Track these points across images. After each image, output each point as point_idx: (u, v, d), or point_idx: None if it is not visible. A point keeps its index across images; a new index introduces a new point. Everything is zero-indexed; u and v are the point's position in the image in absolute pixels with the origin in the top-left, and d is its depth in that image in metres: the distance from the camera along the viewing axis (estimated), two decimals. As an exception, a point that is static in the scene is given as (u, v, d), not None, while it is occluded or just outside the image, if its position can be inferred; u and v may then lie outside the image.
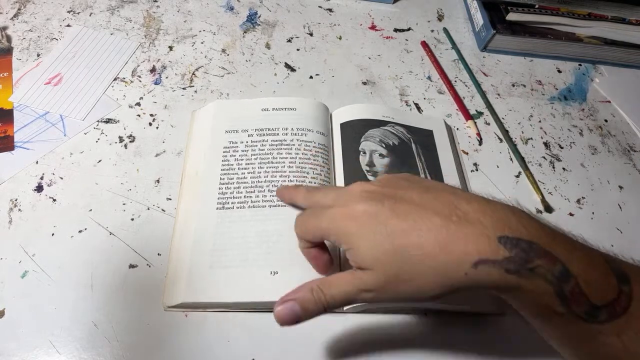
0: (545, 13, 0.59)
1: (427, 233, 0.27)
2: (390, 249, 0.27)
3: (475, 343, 0.36)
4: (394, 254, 0.27)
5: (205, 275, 0.36)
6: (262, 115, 0.45)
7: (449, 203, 0.28)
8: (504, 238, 0.26)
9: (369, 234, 0.28)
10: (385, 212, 0.28)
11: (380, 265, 0.28)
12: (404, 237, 0.27)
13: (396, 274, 0.27)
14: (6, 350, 0.32)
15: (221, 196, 0.40)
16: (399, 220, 0.27)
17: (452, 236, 0.26)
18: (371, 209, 0.28)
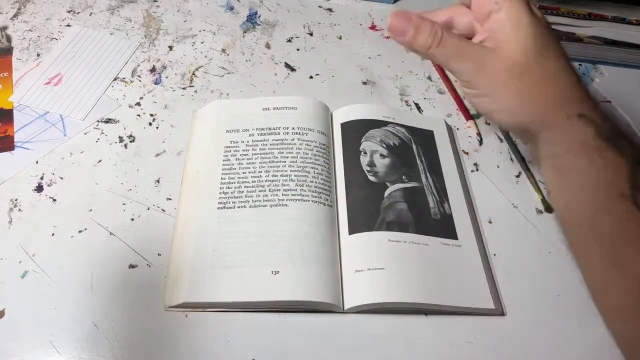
0: (545, 13, 0.59)
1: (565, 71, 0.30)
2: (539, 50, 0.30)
3: (475, 343, 0.36)
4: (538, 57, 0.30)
5: (206, 275, 0.35)
6: (263, 115, 0.45)
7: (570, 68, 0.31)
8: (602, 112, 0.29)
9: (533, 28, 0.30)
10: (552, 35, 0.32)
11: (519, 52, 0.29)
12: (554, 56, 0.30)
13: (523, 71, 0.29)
14: (6, 350, 0.32)
15: (222, 196, 0.40)
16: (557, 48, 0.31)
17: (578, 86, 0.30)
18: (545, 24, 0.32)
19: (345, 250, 0.38)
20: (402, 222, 0.40)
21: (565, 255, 0.41)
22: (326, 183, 0.41)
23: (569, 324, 0.38)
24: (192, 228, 0.38)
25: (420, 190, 0.43)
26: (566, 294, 0.39)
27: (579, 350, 0.37)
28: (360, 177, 0.42)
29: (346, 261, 0.38)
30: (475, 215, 0.43)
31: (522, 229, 0.43)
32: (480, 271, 0.39)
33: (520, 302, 0.39)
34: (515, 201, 0.45)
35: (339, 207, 0.41)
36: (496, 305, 0.37)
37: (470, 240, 0.41)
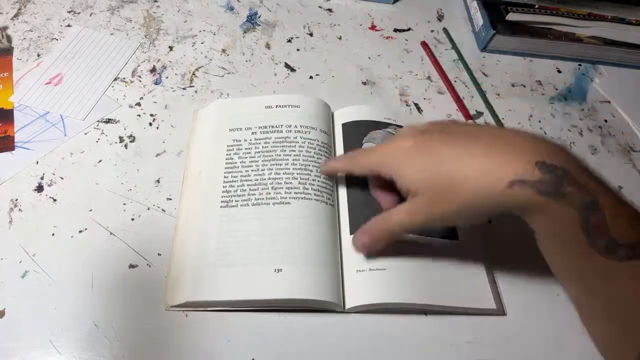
0: (545, 13, 0.59)
1: (470, 158, 0.30)
2: (436, 172, 0.31)
3: (475, 343, 0.36)
4: (439, 177, 0.31)
5: (209, 274, 0.35)
6: (266, 113, 0.45)
7: (492, 134, 0.31)
8: (540, 163, 0.28)
9: (416, 161, 0.32)
10: (433, 141, 0.32)
11: (427, 188, 0.31)
12: (449, 163, 0.31)
13: (440, 196, 0.31)
14: (6, 350, 0.32)
15: (225, 194, 0.40)
16: (445, 148, 0.31)
17: (492, 160, 0.29)
18: (421, 142, 0.33)
19: (346, 250, 0.38)
20: (402, 222, 0.40)
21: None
22: (328, 182, 0.41)
23: (569, 324, 0.38)
24: (194, 227, 0.38)
25: (420, 190, 0.43)
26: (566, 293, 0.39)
27: (579, 350, 0.37)
28: (361, 177, 0.42)
29: (347, 261, 0.38)
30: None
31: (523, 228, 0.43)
32: (481, 271, 0.39)
33: (520, 302, 0.39)
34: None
35: (340, 206, 0.41)
36: (497, 305, 0.37)
37: (471, 240, 0.41)
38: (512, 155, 0.29)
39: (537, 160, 0.28)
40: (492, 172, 0.29)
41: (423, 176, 0.32)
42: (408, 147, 0.33)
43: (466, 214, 0.31)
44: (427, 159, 0.32)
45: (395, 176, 0.33)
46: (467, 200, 0.30)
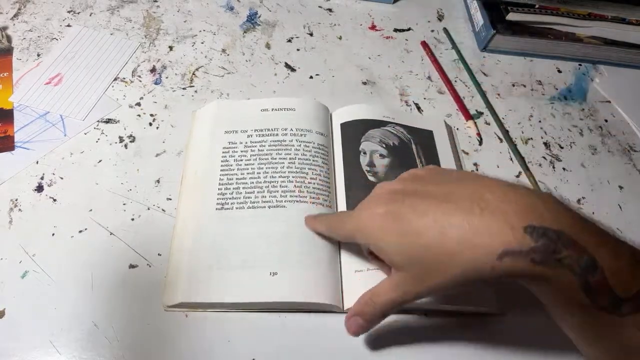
0: (545, 13, 0.59)
1: (450, 230, 0.27)
2: (415, 248, 0.28)
3: (475, 343, 0.36)
4: (419, 252, 0.28)
5: (204, 276, 0.36)
6: (262, 116, 0.45)
7: (472, 194, 0.28)
8: (530, 227, 0.25)
9: (392, 235, 0.29)
10: (406, 210, 0.29)
11: (409, 264, 0.29)
12: (427, 235, 0.27)
13: (428, 271, 0.28)
14: (6, 350, 0.32)
15: (220, 197, 0.40)
16: (420, 219, 0.28)
17: (475, 230, 0.26)
18: (393, 209, 0.29)
19: (345, 250, 0.38)
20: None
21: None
22: (324, 184, 0.41)
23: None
24: (190, 228, 0.38)
25: (420, 190, 0.43)
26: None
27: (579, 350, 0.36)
28: (360, 177, 0.42)
29: (346, 261, 0.38)
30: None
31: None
32: None
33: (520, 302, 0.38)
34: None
35: (338, 207, 0.41)
36: (497, 305, 0.37)
37: None
38: (498, 223, 0.26)
39: (526, 225, 0.25)
40: (478, 246, 0.26)
41: (402, 251, 0.29)
42: (380, 215, 0.30)
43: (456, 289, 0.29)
44: (402, 230, 0.28)
45: (374, 249, 0.31)
46: (455, 276, 0.27)
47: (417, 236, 0.28)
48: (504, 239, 0.25)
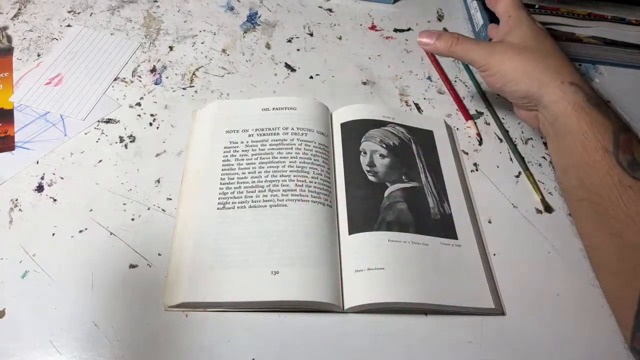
0: (545, 13, 0.59)
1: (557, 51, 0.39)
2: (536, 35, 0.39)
3: (475, 343, 0.36)
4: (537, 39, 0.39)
5: (205, 275, 0.36)
6: (263, 115, 0.45)
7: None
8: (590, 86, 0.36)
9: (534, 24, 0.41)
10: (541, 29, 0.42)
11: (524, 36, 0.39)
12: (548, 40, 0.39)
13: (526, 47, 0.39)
14: (6, 350, 0.32)
15: (222, 196, 0.40)
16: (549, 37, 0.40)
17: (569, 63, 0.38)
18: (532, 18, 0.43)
19: (345, 250, 0.38)
20: (402, 222, 0.40)
21: (564, 255, 0.42)
22: (325, 183, 0.41)
23: (569, 324, 0.38)
24: (191, 228, 0.38)
25: (420, 190, 0.43)
26: (565, 293, 0.39)
27: (579, 350, 0.37)
28: (360, 177, 0.42)
29: (346, 261, 0.38)
30: (475, 215, 0.43)
31: (522, 228, 0.43)
32: (480, 271, 0.39)
33: (520, 302, 0.39)
34: (515, 201, 0.45)
35: (338, 207, 0.41)
36: (496, 305, 0.37)
37: (470, 240, 0.41)
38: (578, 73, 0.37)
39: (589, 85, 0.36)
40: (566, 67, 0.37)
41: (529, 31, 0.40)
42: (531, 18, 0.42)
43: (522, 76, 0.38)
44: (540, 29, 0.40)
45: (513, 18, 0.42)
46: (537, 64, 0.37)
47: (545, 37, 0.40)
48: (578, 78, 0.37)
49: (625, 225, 0.30)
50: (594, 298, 0.39)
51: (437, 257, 0.39)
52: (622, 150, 0.31)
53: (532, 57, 0.37)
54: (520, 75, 0.37)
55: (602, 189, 0.32)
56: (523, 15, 0.41)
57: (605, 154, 0.32)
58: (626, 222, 0.30)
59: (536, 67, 0.37)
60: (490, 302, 0.37)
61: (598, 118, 0.33)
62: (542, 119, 0.39)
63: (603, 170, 0.32)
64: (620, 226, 0.31)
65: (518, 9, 0.42)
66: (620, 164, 0.31)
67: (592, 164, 0.33)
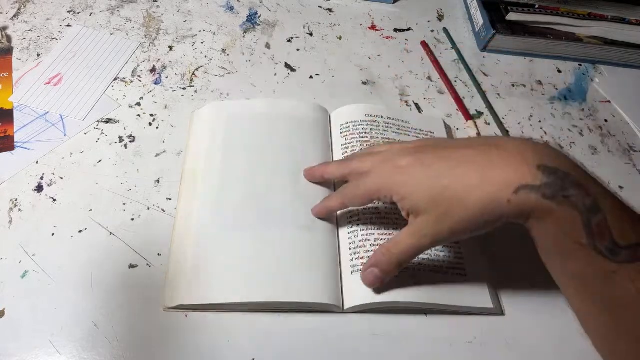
0: (545, 13, 0.59)
1: (471, 167, 0.30)
2: (438, 188, 0.30)
3: (474, 343, 0.36)
4: (443, 192, 0.30)
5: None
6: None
7: (488, 141, 0.31)
8: (542, 166, 0.28)
9: (417, 180, 0.31)
10: (429, 158, 0.32)
11: (431, 205, 0.31)
12: (449, 175, 0.30)
13: (446, 211, 0.30)
14: (6, 350, 0.32)
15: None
16: (443, 162, 0.31)
17: (495, 167, 0.29)
18: (415, 159, 0.32)
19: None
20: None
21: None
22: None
23: (568, 324, 0.38)
24: (190, 229, 0.38)
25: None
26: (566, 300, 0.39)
27: (579, 350, 0.37)
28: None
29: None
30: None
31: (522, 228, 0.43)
32: (479, 270, 0.39)
33: (520, 302, 0.39)
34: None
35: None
36: (495, 305, 0.37)
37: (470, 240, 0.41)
38: (514, 162, 0.29)
39: (539, 164, 0.28)
40: (497, 181, 0.29)
41: (427, 194, 0.31)
42: (405, 166, 0.32)
43: (472, 227, 0.30)
44: (428, 175, 0.31)
45: (397, 198, 0.32)
46: (474, 212, 0.29)
47: (441, 178, 0.30)
48: (520, 175, 0.28)
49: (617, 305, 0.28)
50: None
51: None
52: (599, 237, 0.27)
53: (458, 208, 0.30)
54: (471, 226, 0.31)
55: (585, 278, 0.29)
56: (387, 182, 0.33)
57: (581, 248, 0.28)
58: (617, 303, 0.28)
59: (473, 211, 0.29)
60: (489, 302, 0.37)
61: (561, 214, 0.28)
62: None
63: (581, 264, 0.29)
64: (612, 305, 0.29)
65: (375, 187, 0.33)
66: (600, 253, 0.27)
67: (569, 260, 0.29)
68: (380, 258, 0.34)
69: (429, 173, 0.31)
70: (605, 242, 0.27)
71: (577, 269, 0.29)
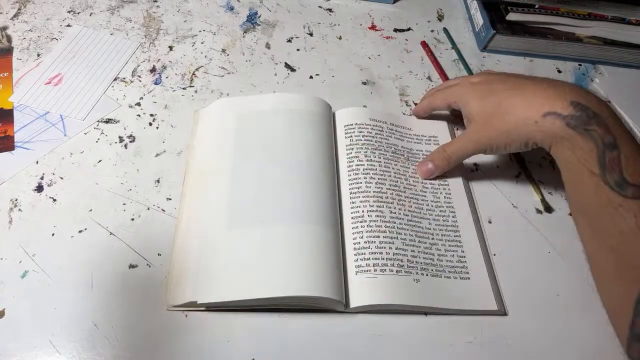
0: (545, 13, 0.59)
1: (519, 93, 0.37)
2: (490, 103, 0.39)
3: (474, 343, 0.36)
4: (492, 106, 0.38)
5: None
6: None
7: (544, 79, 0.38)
8: (575, 102, 0.34)
9: (479, 93, 0.40)
10: (495, 81, 0.40)
11: (481, 116, 0.39)
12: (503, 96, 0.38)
13: (490, 122, 0.38)
14: (6, 350, 0.32)
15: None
16: (501, 84, 0.39)
17: (536, 96, 0.36)
18: (485, 80, 0.41)
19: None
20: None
21: (564, 255, 0.42)
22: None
23: (568, 324, 0.38)
24: (196, 227, 0.38)
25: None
26: (565, 293, 0.39)
27: (579, 350, 0.37)
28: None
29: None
30: (477, 215, 0.43)
31: (522, 229, 0.43)
32: (482, 271, 0.39)
33: (520, 302, 0.39)
34: (515, 201, 0.45)
35: (342, 196, 0.41)
36: (499, 306, 0.37)
37: (471, 240, 0.41)
38: (553, 95, 0.35)
39: (572, 100, 0.34)
40: (533, 105, 0.36)
41: (480, 105, 0.39)
42: (476, 83, 0.41)
43: (506, 139, 0.38)
44: (487, 92, 0.39)
45: (461, 105, 0.41)
46: (507, 126, 0.37)
47: (495, 95, 0.39)
48: (553, 104, 0.35)
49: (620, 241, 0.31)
50: (594, 298, 0.39)
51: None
52: (609, 170, 0.31)
53: (496, 119, 0.38)
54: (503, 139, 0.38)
55: (594, 207, 0.32)
56: (462, 92, 0.41)
57: (592, 176, 0.32)
58: (620, 238, 0.31)
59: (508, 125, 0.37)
60: (493, 303, 0.37)
61: (579, 143, 0.33)
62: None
63: (592, 191, 0.32)
64: (615, 241, 0.31)
65: (454, 93, 0.42)
66: (608, 184, 0.31)
67: (582, 185, 0.33)
68: (435, 155, 0.43)
69: (488, 92, 0.39)
70: (615, 176, 0.31)
71: (587, 198, 0.33)
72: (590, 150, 0.32)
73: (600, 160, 0.32)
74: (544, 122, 0.35)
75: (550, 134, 0.35)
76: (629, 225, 0.30)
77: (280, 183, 0.40)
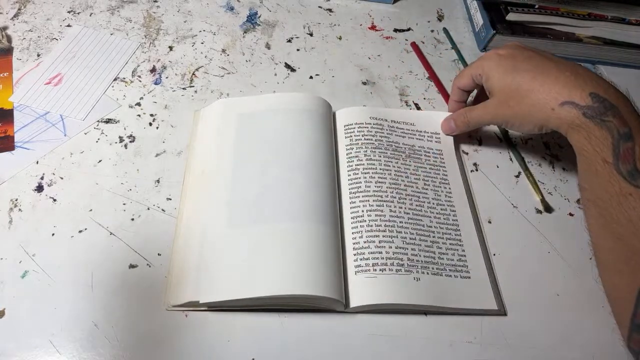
0: (545, 13, 0.59)
1: (541, 77, 0.37)
2: (512, 80, 0.39)
3: (475, 343, 0.36)
4: (513, 84, 0.39)
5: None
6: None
7: (566, 64, 0.38)
8: (593, 94, 0.35)
9: (503, 67, 0.40)
10: (521, 56, 0.40)
11: (501, 91, 0.40)
12: (526, 75, 0.38)
13: (508, 101, 0.39)
14: (6, 350, 0.32)
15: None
16: (527, 63, 0.39)
17: (557, 83, 0.36)
18: (511, 54, 0.41)
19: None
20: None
21: (564, 255, 0.42)
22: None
23: (568, 324, 0.38)
24: (196, 227, 0.38)
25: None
26: (565, 293, 0.39)
27: (579, 350, 0.37)
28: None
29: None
30: (477, 215, 0.43)
31: (522, 229, 0.43)
32: (482, 271, 0.39)
33: (520, 302, 0.39)
34: (515, 201, 0.45)
35: (342, 194, 0.41)
36: (499, 305, 0.37)
37: (471, 240, 0.41)
38: (574, 84, 0.36)
39: (591, 92, 0.35)
40: (552, 92, 0.36)
41: (502, 81, 0.39)
42: (502, 55, 0.41)
43: (522, 121, 0.39)
44: (510, 69, 0.39)
45: (485, 77, 0.41)
46: (523, 109, 0.38)
47: (516, 73, 0.39)
48: (571, 93, 0.35)
49: (627, 230, 0.31)
50: (594, 298, 0.39)
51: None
52: (623, 160, 0.32)
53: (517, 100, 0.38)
54: (521, 119, 0.39)
55: (605, 195, 0.33)
56: (487, 65, 0.41)
57: (605, 164, 0.33)
58: (628, 227, 0.31)
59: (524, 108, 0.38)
60: (493, 302, 0.37)
61: (595, 132, 0.34)
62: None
63: (604, 180, 0.33)
64: (623, 230, 0.32)
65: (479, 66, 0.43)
66: (621, 173, 0.32)
67: (595, 173, 0.34)
68: (457, 116, 0.45)
69: (512, 68, 0.39)
70: (628, 166, 0.32)
71: (599, 185, 0.33)
72: (605, 139, 0.33)
73: (614, 150, 0.33)
74: (560, 110, 0.35)
75: (566, 121, 0.35)
76: (638, 214, 0.31)
77: (281, 182, 0.40)
